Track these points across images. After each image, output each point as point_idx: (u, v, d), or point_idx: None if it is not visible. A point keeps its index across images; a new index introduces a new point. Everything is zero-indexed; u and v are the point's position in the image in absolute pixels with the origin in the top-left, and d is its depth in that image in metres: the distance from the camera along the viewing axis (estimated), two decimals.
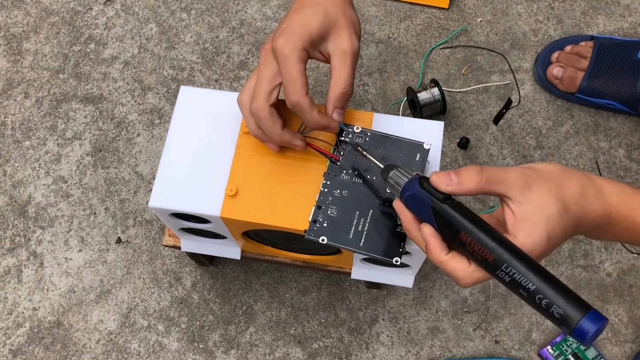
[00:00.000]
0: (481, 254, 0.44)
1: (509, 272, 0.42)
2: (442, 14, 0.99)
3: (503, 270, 0.43)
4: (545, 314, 0.41)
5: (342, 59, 0.57)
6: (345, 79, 0.56)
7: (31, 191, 0.91)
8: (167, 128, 0.93)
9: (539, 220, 0.47)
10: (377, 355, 0.83)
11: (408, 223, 0.51)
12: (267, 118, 0.56)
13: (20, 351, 0.84)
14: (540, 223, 0.47)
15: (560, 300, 0.40)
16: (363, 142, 0.59)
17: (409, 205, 0.50)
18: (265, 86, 0.56)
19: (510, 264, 0.43)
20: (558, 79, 0.91)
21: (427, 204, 0.48)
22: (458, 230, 0.46)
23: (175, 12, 1.00)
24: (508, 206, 0.48)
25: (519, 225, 0.47)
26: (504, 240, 0.45)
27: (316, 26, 0.55)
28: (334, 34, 0.57)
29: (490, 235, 0.44)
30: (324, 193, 0.58)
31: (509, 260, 0.43)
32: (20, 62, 0.98)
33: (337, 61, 0.57)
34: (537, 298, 0.41)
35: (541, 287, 0.41)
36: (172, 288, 0.86)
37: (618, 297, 0.85)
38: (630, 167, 0.91)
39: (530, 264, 0.42)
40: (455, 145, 0.92)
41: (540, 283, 0.41)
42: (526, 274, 0.42)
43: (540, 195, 0.47)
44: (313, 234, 0.57)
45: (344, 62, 0.56)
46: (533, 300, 0.41)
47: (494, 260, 0.43)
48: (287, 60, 0.54)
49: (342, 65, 0.56)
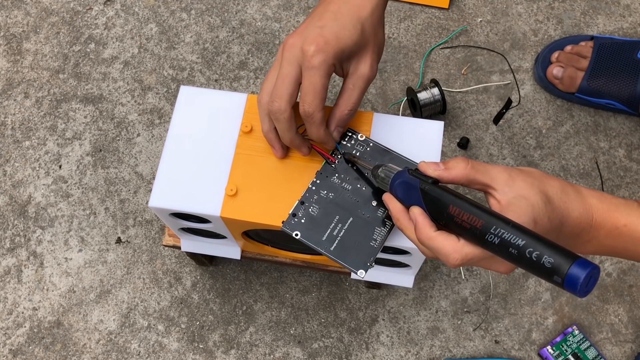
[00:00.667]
0: (470, 222, 0.45)
1: (497, 233, 0.43)
2: (442, 14, 0.99)
3: (492, 232, 0.44)
4: (537, 267, 0.42)
5: (357, 82, 0.56)
6: (355, 102, 0.56)
7: (31, 191, 0.91)
8: (167, 128, 0.93)
9: (525, 205, 0.47)
10: (377, 355, 0.83)
11: (397, 211, 0.51)
12: (287, 120, 0.55)
13: (20, 351, 0.84)
14: (526, 208, 0.47)
15: (549, 250, 0.41)
16: (364, 151, 0.60)
17: (397, 194, 0.52)
18: (287, 87, 0.54)
19: (499, 225, 0.44)
20: (558, 78, 0.91)
21: (415, 187, 0.49)
22: (446, 204, 0.47)
23: (175, 12, 1.00)
24: (493, 196, 0.49)
25: (504, 210, 0.47)
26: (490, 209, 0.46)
27: (350, 44, 0.54)
28: (360, 56, 0.56)
29: (478, 205, 0.46)
30: (310, 190, 0.58)
31: (497, 223, 0.44)
32: (20, 62, 0.98)
33: (352, 83, 0.56)
34: (528, 252, 0.42)
35: (530, 242, 0.42)
36: (172, 288, 0.86)
37: (618, 297, 0.85)
38: (630, 167, 0.91)
39: (517, 225, 0.44)
40: (455, 145, 0.92)
41: (529, 239, 0.42)
42: (514, 232, 0.43)
43: (524, 186, 0.48)
44: (289, 227, 0.57)
45: (358, 85, 0.56)
46: (524, 256, 0.42)
47: (483, 225, 0.44)
48: (314, 71, 0.53)
49: (355, 88, 0.56)
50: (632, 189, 0.90)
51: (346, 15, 0.55)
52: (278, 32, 0.99)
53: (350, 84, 0.56)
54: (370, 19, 0.56)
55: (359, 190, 0.58)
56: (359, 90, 0.56)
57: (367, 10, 0.55)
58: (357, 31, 0.54)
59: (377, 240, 0.57)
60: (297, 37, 0.54)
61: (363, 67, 0.56)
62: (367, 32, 0.55)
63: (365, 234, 0.57)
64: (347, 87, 0.56)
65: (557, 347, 0.82)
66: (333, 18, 0.54)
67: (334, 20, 0.54)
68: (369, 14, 0.55)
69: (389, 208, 0.52)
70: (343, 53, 0.54)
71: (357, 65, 0.56)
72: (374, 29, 0.56)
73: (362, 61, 0.56)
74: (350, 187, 0.58)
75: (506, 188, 0.48)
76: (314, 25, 0.54)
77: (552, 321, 0.84)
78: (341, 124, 0.58)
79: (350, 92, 0.56)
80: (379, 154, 0.59)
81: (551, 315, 0.84)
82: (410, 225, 0.50)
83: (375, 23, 0.56)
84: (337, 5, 0.55)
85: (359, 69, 0.56)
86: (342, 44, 0.54)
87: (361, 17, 0.55)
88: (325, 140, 0.57)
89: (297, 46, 0.54)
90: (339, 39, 0.54)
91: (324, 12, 0.55)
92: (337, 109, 0.57)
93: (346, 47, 0.54)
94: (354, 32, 0.54)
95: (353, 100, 0.56)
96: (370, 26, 0.56)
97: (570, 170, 0.91)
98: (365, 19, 0.55)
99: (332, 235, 0.57)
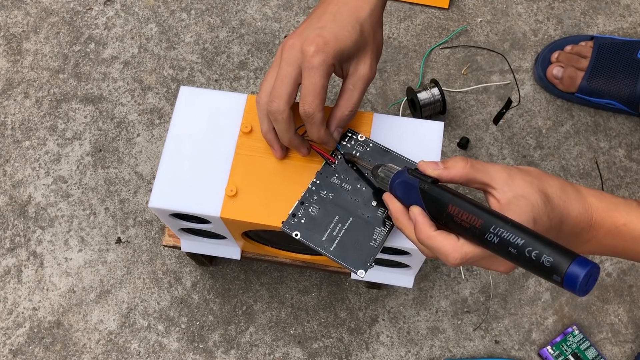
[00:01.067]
0: (469, 221, 0.45)
1: (497, 232, 0.44)
2: (442, 14, 0.99)
3: (492, 232, 0.44)
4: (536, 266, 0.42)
5: (357, 83, 0.56)
6: (355, 103, 0.57)
7: (31, 191, 0.91)
8: (167, 128, 0.93)
9: (524, 204, 0.47)
10: (377, 355, 0.83)
11: (396, 211, 0.51)
12: (286, 120, 0.55)
13: (20, 351, 0.84)
14: (525, 207, 0.47)
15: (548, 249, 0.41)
16: (364, 151, 0.60)
17: (397, 194, 0.52)
18: (286, 87, 0.54)
19: (498, 224, 0.44)
20: (558, 78, 0.91)
21: (415, 187, 0.49)
22: (446, 204, 0.47)
23: (175, 12, 1.00)
24: (492, 195, 0.49)
25: (504, 209, 0.47)
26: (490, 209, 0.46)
27: (349, 44, 0.54)
28: (359, 57, 0.56)
29: (477, 204, 0.46)
30: (310, 190, 0.58)
31: (496, 222, 0.44)
32: (20, 62, 0.98)
33: (352, 84, 0.56)
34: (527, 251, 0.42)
35: (529, 241, 0.42)
36: (172, 288, 0.86)
37: (618, 297, 0.85)
38: (630, 167, 0.91)
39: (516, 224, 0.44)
40: (455, 145, 0.92)
41: (528, 238, 0.42)
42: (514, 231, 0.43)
43: (523, 185, 0.48)
44: (288, 227, 0.57)
45: (358, 86, 0.56)
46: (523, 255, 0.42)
47: (482, 224, 0.44)
48: (314, 71, 0.53)
49: (355, 89, 0.56)
50: (632, 189, 0.90)
51: (345, 16, 0.55)
52: (278, 32, 0.99)
53: (350, 85, 0.56)
54: (369, 20, 0.56)
55: (359, 190, 0.58)
56: (359, 90, 0.56)
57: (366, 11, 0.56)
58: (356, 32, 0.55)
59: (377, 240, 0.57)
60: (296, 38, 0.54)
61: (363, 67, 0.56)
62: (366, 32, 0.55)
63: (365, 234, 0.57)
64: (347, 88, 0.57)
65: (557, 347, 0.82)
66: (332, 19, 0.55)
67: (333, 21, 0.54)
68: (367, 15, 0.56)
69: (389, 208, 0.52)
70: (342, 54, 0.54)
71: (357, 65, 0.56)
72: (373, 29, 0.56)
73: (361, 62, 0.56)
74: (350, 187, 0.59)
75: (505, 187, 0.48)
76: (313, 26, 0.54)
77: (552, 321, 0.84)
78: (341, 125, 0.58)
79: (351, 92, 0.56)
80: (379, 154, 0.59)
81: (551, 315, 0.84)
82: (410, 224, 0.50)
83: (374, 24, 0.56)
84: (336, 6, 0.55)
85: (358, 69, 0.56)
86: (342, 44, 0.54)
87: (360, 17, 0.55)
88: (325, 140, 0.57)
89: (296, 47, 0.54)
90: (338, 39, 0.54)
91: (323, 13, 0.55)
92: (338, 109, 0.57)
93: (345, 47, 0.54)
94: (353, 32, 0.54)
95: (353, 101, 0.56)
96: (369, 27, 0.56)
97: (570, 170, 0.91)
98: (364, 19, 0.55)
99: (332, 235, 0.57)
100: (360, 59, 0.56)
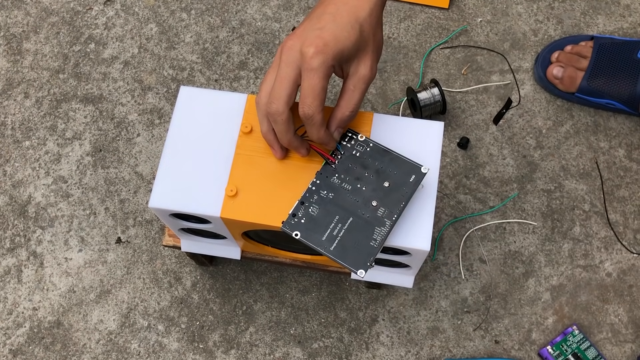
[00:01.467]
0: None
1: None
2: (442, 14, 0.99)
3: None
4: None
5: (357, 84, 0.56)
6: (355, 103, 0.56)
7: (31, 191, 0.91)
8: (167, 128, 0.93)
9: None
10: (377, 355, 0.83)
11: None
12: (285, 122, 0.55)
13: (20, 351, 0.84)
14: None
15: None
16: (364, 151, 0.60)
17: None
18: (286, 89, 0.54)
19: None
20: (558, 78, 0.91)
21: None
22: None
23: (175, 12, 1.00)
24: None
25: None
26: None
27: (349, 45, 0.54)
28: (359, 57, 0.56)
29: None
30: (310, 190, 0.58)
31: None
32: (20, 62, 0.98)
33: (352, 84, 0.56)
34: None
35: None
36: (172, 288, 0.86)
37: (618, 297, 0.85)
38: (630, 167, 0.91)
39: None
40: (455, 145, 0.92)
41: None
42: None
43: None
44: (288, 227, 0.57)
45: (358, 87, 0.56)
46: None
47: None
48: (314, 73, 0.53)
49: (356, 90, 0.56)
50: (632, 189, 0.90)
51: (345, 16, 0.55)
52: (278, 32, 0.99)
53: (351, 85, 0.56)
54: (369, 20, 0.56)
55: (359, 190, 0.58)
56: (360, 91, 0.56)
57: (366, 11, 0.55)
58: (355, 32, 0.54)
59: (377, 240, 0.57)
60: (295, 39, 0.54)
61: (363, 68, 0.56)
62: (365, 33, 0.55)
63: (365, 234, 0.57)
64: (348, 89, 0.56)
65: (557, 347, 0.82)
66: (332, 20, 0.54)
67: (333, 21, 0.54)
68: (367, 15, 0.55)
69: None
70: (342, 54, 0.54)
71: (357, 66, 0.56)
72: (373, 29, 0.56)
73: (361, 62, 0.56)
74: (350, 187, 0.58)
75: None
76: (312, 27, 0.54)
77: (552, 321, 0.84)
78: (342, 125, 0.58)
79: (351, 93, 0.56)
80: (379, 154, 0.59)
81: (551, 315, 0.84)
82: None
83: (373, 24, 0.56)
84: (336, 7, 0.55)
85: (358, 70, 0.56)
86: (341, 45, 0.54)
87: (360, 18, 0.55)
88: (325, 141, 0.57)
89: (295, 48, 0.54)
90: (338, 40, 0.54)
91: (323, 13, 0.55)
92: (339, 110, 0.57)
93: (345, 48, 0.54)
94: (352, 33, 0.54)
95: (354, 102, 0.56)
96: (369, 27, 0.56)
97: (570, 170, 0.91)
98: (364, 19, 0.55)
99: (332, 235, 0.57)
100: (361, 60, 0.56)
